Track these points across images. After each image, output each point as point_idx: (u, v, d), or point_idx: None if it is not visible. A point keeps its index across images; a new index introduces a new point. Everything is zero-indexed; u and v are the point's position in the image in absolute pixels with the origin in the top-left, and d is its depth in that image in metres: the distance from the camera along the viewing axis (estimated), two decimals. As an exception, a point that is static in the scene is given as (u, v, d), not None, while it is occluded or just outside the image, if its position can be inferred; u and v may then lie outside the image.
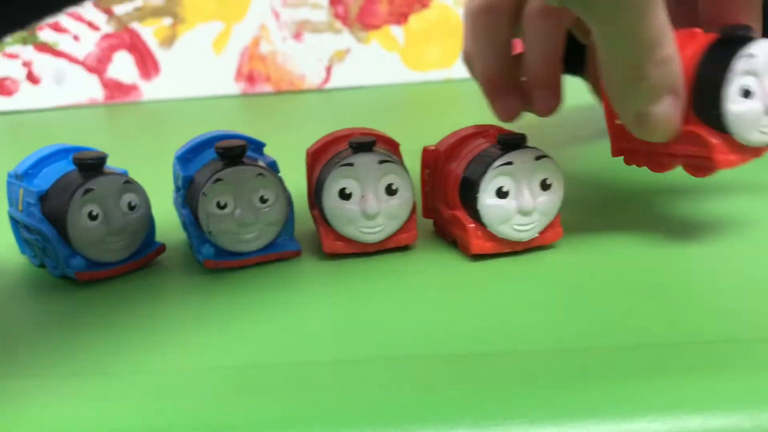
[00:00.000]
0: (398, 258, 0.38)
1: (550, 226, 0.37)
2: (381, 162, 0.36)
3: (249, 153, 0.39)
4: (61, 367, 0.29)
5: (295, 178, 0.41)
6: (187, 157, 0.39)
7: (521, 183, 0.35)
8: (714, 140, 0.33)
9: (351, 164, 0.36)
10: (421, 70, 1.03)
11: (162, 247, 0.39)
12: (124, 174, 0.38)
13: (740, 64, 0.32)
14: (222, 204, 0.37)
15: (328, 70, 1.02)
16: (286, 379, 0.27)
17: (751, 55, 0.32)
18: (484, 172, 0.35)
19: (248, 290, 0.36)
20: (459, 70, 1.03)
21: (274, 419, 0.25)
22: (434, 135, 0.41)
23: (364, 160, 0.36)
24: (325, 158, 0.38)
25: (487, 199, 0.35)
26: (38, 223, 0.37)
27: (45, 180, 0.38)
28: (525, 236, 0.36)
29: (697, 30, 0.35)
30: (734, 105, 0.33)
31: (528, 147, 0.35)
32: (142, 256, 0.39)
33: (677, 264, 0.35)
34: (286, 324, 0.32)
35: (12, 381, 0.28)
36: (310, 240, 0.41)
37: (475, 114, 0.85)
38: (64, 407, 0.26)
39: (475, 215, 0.36)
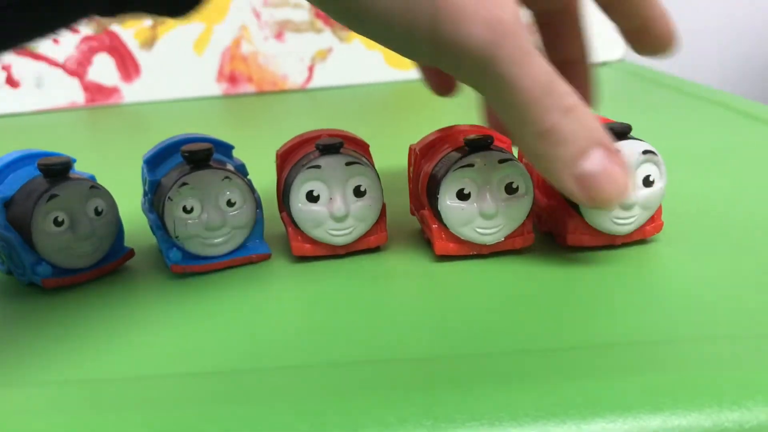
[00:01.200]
0: (367, 259, 0.38)
1: (519, 231, 0.37)
2: (348, 164, 0.36)
3: (217, 156, 0.39)
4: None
5: (273, 180, 0.41)
6: (154, 161, 0.39)
7: (483, 186, 0.35)
8: None
9: (318, 166, 0.36)
10: (404, 68, 1.02)
11: (130, 253, 0.39)
12: (91, 179, 0.38)
13: None
14: (188, 208, 0.37)
15: (311, 69, 1.02)
16: (246, 385, 0.27)
17: None
18: (445, 173, 0.35)
19: (217, 294, 0.36)
20: (441, 68, 1.03)
21: (234, 427, 0.25)
22: (417, 133, 0.41)
23: (331, 162, 0.36)
24: (293, 160, 0.38)
25: (447, 201, 0.35)
26: (3, 230, 0.36)
27: (9, 186, 0.37)
28: (488, 240, 0.36)
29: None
30: None
31: (493, 149, 0.35)
32: (111, 261, 0.38)
33: (643, 266, 0.36)
34: (253, 328, 0.32)
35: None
36: (282, 242, 0.41)
37: (458, 113, 0.86)
38: None
39: (438, 216, 0.36)
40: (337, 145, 0.36)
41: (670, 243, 0.38)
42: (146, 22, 1.00)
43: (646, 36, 0.38)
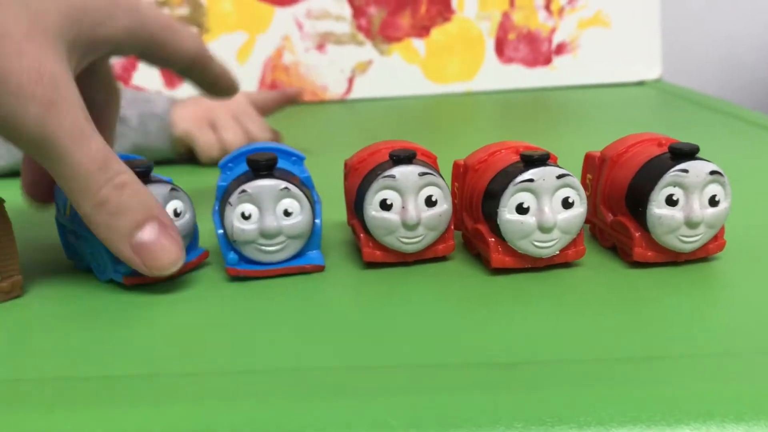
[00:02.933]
0: (431, 268, 0.39)
1: (573, 243, 0.37)
2: (422, 174, 0.37)
3: (287, 166, 0.40)
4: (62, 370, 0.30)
5: (321, 189, 0.42)
6: (228, 166, 0.40)
7: (542, 200, 0.35)
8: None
9: (393, 176, 0.37)
10: (442, 82, 1.03)
11: (205, 254, 0.40)
12: (170, 182, 0.39)
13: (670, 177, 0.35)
14: (246, 214, 0.38)
15: (350, 81, 1.03)
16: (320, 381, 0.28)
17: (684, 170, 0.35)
18: (505, 188, 0.35)
19: (274, 299, 0.36)
20: (479, 83, 1.03)
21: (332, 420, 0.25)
22: (455, 146, 0.42)
23: (405, 172, 0.37)
24: (365, 170, 0.39)
25: (507, 214, 0.35)
26: (86, 230, 0.37)
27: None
28: (546, 253, 0.36)
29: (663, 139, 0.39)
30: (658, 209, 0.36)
31: (551, 165, 0.36)
32: (187, 261, 0.39)
33: (706, 282, 0.36)
34: (313, 331, 0.32)
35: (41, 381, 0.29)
36: (346, 249, 0.41)
37: (495, 126, 0.86)
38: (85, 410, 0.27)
39: (496, 229, 0.36)
40: (410, 156, 0.37)
41: (731, 261, 0.38)
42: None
43: (217, 87, 0.47)
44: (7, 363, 0.31)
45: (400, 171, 0.37)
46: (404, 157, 0.37)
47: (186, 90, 0.99)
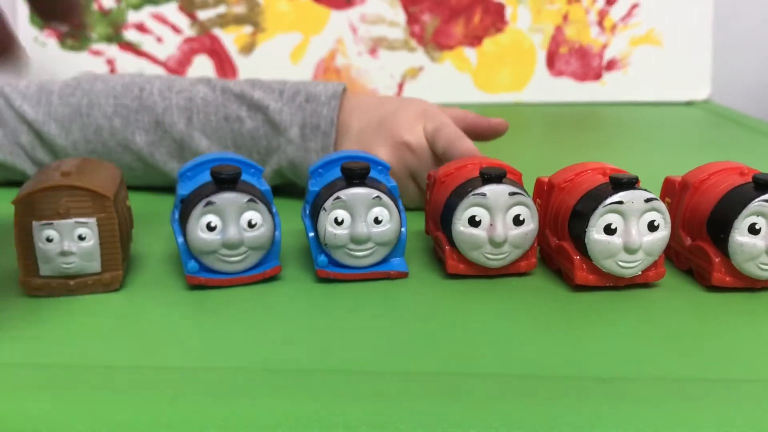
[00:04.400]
0: (512, 282, 0.40)
1: (654, 265, 0.38)
2: (512, 194, 0.38)
3: (374, 175, 0.41)
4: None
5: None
6: (319, 172, 0.41)
7: (629, 222, 0.37)
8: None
9: (483, 194, 0.38)
10: (492, 91, 1.05)
11: (276, 268, 0.41)
12: (264, 191, 0.40)
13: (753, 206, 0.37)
14: (339, 220, 0.39)
15: (400, 86, 1.05)
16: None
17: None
18: (594, 208, 0.37)
19: (359, 301, 0.38)
20: (529, 94, 1.05)
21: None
22: (503, 157, 0.43)
23: (496, 191, 0.38)
24: (452, 184, 0.40)
25: (595, 234, 0.37)
26: (172, 223, 0.39)
27: (190, 186, 0.40)
28: (629, 273, 0.38)
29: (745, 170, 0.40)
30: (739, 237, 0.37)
31: (639, 188, 0.37)
32: (257, 272, 0.40)
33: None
34: (396, 336, 0.34)
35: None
36: (426, 257, 0.43)
37: (544, 139, 0.87)
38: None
39: (582, 248, 0.37)
40: (501, 175, 0.38)
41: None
42: (247, 28, 1.04)
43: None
44: (113, 350, 0.33)
45: (491, 189, 0.38)
46: (495, 176, 0.38)
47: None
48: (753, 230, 0.37)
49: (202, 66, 1.05)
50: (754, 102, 1.13)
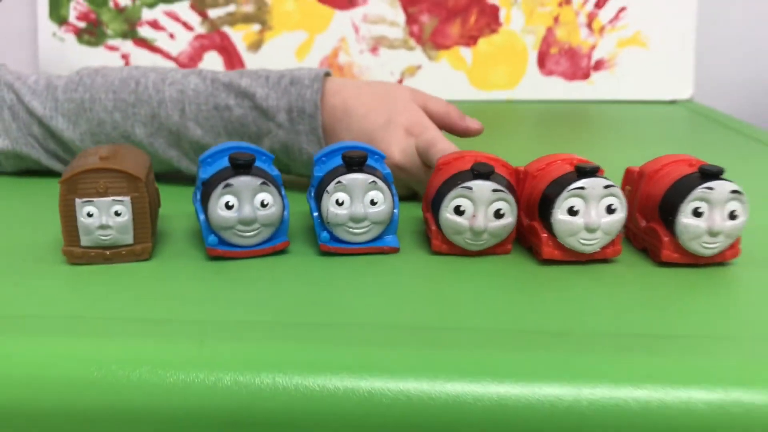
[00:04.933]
0: (489, 258, 0.46)
1: (612, 243, 0.44)
2: (495, 190, 0.44)
3: (372, 163, 0.47)
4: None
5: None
6: (322, 159, 0.47)
7: (590, 205, 0.43)
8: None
9: (470, 188, 0.44)
10: (486, 89, 1.10)
11: (285, 243, 0.47)
12: (273, 177, 0.46)
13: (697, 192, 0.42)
14: (340, 201, 0.45)
15: (400, 83, 1.10)
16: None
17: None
18: (560, 192, 0.42)
19: (358, 270, 0.44)
20: (521, 92, 1.10)
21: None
22: (496, 151, 0.48)
23: (481, 186, 0.43)
24: (448, 173, 0.46)
25: (560, 215, 0.43)
26: (195, 203, 0.45)
27: (210, 170, 0.46)
28: (589, 249, 0.44)
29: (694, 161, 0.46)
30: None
31: (600, 177, 0.43)
32: (268, 246, 0.46)
33: (719, 281, 0.43)
34: (389, 298, 0.40)
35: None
36: (418, 237, 0.49)
37: (534, 134, 0.93)
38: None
39: (549, 227, 0.43)
40: (489, 172, 0.44)
41: (745, 266, 0.45)
42: (255, 27, 1.10)
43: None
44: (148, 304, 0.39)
45: (477, 184, 0.44)
46: (484, 172, 0.44)
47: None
48: (696, 213, 0.43)
49: (212, 62, 1.11)
50: (734, 102, 1.19)
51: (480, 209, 0.44)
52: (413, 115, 0.57)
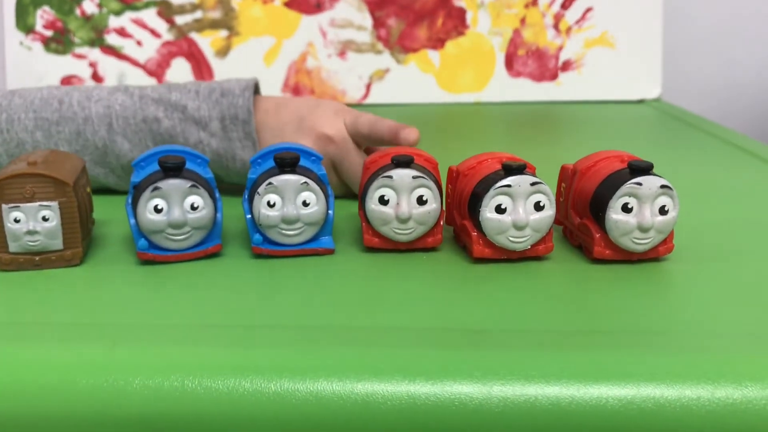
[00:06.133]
0: (424, 256, 0.46)
1: (543, 240, 0.44)
2: (415, 177, 0.44)
3: (307, 164, 0.47)
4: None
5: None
6: (258, 162, 0.47)
7: (517, 202, 0.42)
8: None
9: (390, 176, 0.44)
10: (454, 92, 1.10)
11: (217, 246, 0.47)
12: (207, 179, 0.46)
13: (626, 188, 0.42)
14: (271, 203, 0.45)
15: (368, 87, 1.10)
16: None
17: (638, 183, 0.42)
18: (487, 191, 0.42)
19: (292, 273, 0.44)
20: (488, 94, 1.10)
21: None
22: (458, 152, 0.49)
23: (401, 174, 0.44)
24: (376, 167, 0.46)
25: (487, 213, 0.43)
26: (128, 208, 0.45)
27: (141, 174, 0.46)
28: (519, 247, 0.43)
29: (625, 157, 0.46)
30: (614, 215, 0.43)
31: (527, 174, 0.43)
32: (200, 249, 0.46)
33: (652, 277, 0.43)
34: (322, 299, 0.40)
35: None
36: (351, 235, 0.49)
37: (501, 135, 0.93)
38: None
39: (479, 225, 0.43)
40: (408, 161, 0.44)
41: (678, 262, 0.45)
42: (222, 33, 1.10)
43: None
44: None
45: (397, 173, 0.44)
46: (403, 161, 0.44)
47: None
48: (626, 209, 0.43)
49: (181, 68, 1.10)
50: (702, 101, 1.19)
51: (403, 196, 0.44)
52: (340, 104, 0.60)
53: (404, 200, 0.44)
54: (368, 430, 0.32)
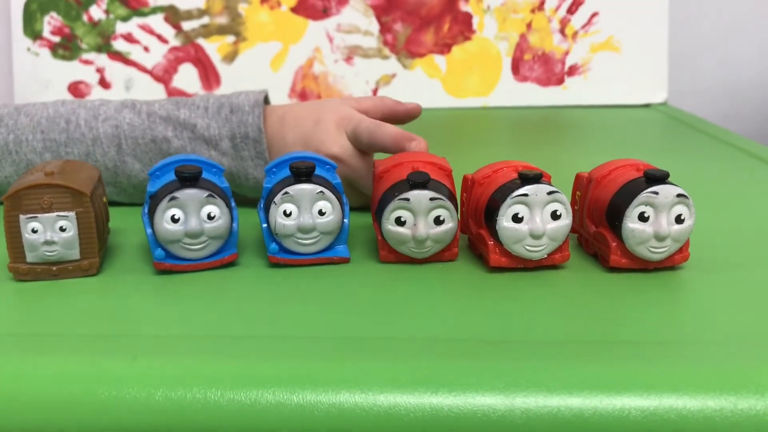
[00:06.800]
0: (440, 265, 0.46)
1: (559, 249, 0.44)
2: (432, 199, 0.44)
3: (322, 173, 0.47)
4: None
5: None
6: (273, 170, 0.47)
7: (534, 211, 0.42)
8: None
9: (407, 198, 0.43)
10: (460, 96, 1.10)
11: (234, 255, 0.47)
12: (223, 190, 0.46)
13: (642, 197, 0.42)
14: (288, 212, 0.45)
15: (375, 92, 1.10)
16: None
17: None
18: (504, 200, 0.42)
19: (305, 281, 0.44)
20: (495, 99, 1.11)
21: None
22: (471, 157, 0.49)
23: (418, 196, 0.43)
24: (387, 182, 0.46)
25: (504, 222, 0.43)
26: (143, 216, 0.45)
27: (158, 182, 0.46)
28: (535, 256, 0.43)
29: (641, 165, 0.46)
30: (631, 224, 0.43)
31: (544, 183, 0.43)
32: (216, 258, 0.46)
33: (668, 285, 0.43)
34: (338, 309, 0.40)
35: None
36: (366, 246, 0.49)
37: (508, 140, 0.93)
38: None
39: (495, 235, 0.43)
40: (425, 182, 0.44)
41: (694, 270, 0.45)
42: (229, 38, 1.10)
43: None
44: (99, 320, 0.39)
45: (414, 195, 0.43)
46: (419, 182, 0.43)
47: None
48: (642, 218, 0.43)
49: (188, 74, 1.11)
50: (708, 105, 1.19)
51: (420, 218, 0.44)
52: (341, 111, 0.57)
53: (421, 222, 0.44)
54: (391, 441, 0.32)
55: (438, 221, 0.44)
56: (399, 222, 0.44)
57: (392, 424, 0.32)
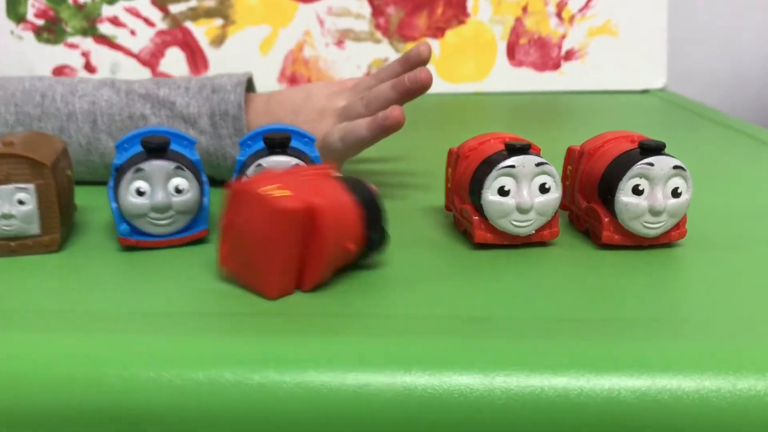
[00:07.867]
0: (418, 244, 0.43)
1: (548, 225, 0.42)
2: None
3: (299, 145, 0.44)
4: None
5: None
6: (247, 143, 0.45)
7: (521, 184, 0.40)
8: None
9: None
10: (454, 81, 1.08)
11: (204, 231, 0.44)
12: (192, 163, 0.43)
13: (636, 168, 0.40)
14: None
15: (367, 76, 1.08)
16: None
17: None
18: (489, 172, 0.40)
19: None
20: (489, 84, 1.08)
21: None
22: (457, 140, 0.46)
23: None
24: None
25: (489, 196, 0.40)
26: (109, 192, 0.42)
27: (125, 155, 0.43)
28: (523, 232, 0.41)
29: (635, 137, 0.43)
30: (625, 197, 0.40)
31: (531, 154, 0.40)
32: (185, 234, 0.44)
33: (664, 263, 0.40)
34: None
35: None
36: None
37: (502, 126, 0.91)
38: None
39: (480, 209, 0.41)
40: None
41: (691, 248, 0.42)
42: (217, 21, 1.07)
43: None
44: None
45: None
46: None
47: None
48: (636, 191, 0.40)
49: (175, 58, 1.08)
50: (707, 91, 1.16)
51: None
52: (325, 99, 0.56)
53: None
54: (360, 424, 0.30)
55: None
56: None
57: (361, 404, 0.30)
